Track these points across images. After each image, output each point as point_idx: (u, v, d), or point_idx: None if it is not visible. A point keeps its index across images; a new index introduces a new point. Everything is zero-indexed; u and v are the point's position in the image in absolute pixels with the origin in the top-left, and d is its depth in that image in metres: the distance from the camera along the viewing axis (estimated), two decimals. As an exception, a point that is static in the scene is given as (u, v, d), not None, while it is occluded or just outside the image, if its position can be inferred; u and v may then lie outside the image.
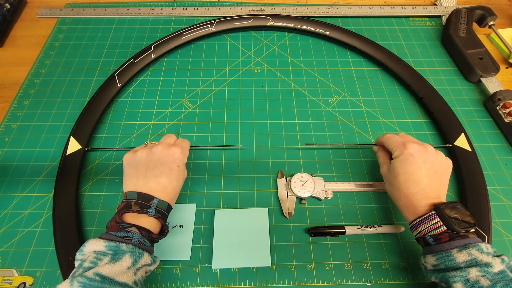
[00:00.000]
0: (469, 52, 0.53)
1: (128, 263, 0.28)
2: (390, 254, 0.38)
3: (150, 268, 0.31)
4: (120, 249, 0.28)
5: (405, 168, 0.34)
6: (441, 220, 0.30)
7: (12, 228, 0.39)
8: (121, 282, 0.27)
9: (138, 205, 0.32)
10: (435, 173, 0.34)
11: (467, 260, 0.28)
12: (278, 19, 0.59)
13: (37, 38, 0.58)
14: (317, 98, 0.51)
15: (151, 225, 0.32)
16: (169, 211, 0.34)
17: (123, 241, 0.29)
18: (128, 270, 0.28)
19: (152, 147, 0.36)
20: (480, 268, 0.27)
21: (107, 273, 0.27)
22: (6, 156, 0.45)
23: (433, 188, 0.33)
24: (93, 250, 0.29)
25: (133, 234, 0.30)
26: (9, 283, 0.35)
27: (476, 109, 0.50)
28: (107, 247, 0.28)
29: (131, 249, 0.29)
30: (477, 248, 0.28)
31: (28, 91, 0.51)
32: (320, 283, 0.36)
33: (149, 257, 0.30)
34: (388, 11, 0.63)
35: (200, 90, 0.52)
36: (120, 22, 0.61)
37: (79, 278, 0.26)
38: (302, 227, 0.40)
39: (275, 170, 0.44)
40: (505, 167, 0.45)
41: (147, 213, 0.31)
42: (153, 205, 0.32)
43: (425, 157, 0.34)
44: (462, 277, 0.27)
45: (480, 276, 0.27)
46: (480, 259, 0.28)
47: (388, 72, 0.55)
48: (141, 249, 0.30)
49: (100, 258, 0.28)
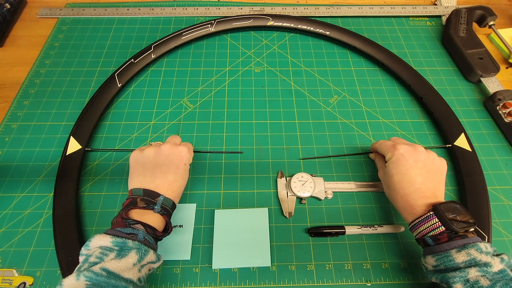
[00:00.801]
0: (469, 52, 0.53)
1: (134, 260, 0.28)
2: (390, 254, 0.38)
3: (154, 265, 0.31)
4: (127, 245, 0.28)
5: (398, 168, 0.35)
6: (439, 221, 0.30)
7: (12, 228, 0.39)
8: (126, 278, 0.27)
9: (144, 201, 0.32)
10: (428, 172, 0.34)
11: (466, 260, 0.28)
12: (278, 19, 0.59)
13: (37, 38, 0.58)
14: (317, 98, 0.51)
15: (156, 222, 0.32)
16: (173, 209, 0.35)
17: (129, 237, 0.29)
18: (133, 266, 0.28)
19: (160, 145, 0.36)
20: (479, 268, 0.27)
21: (113, 269, 0.27)
22: (6, 156, 0.45)
23: (428, 187, 0.33)
24: (99, 245, 0.29)
25: (139, 231, 0.30)
26: (9, 283, 0.35)
27: (476, 109, 0.50)
28: (113, 242, 0.28)
29: (137, 245, 0.29)
30: (476, 248, 0.28)
31: (28, 91, 0.51)
32: (320, 283, 0.36)
33: (154, 255, 0.30)
34: (388, 11, 0.63)
35: (200, 90, 0.52)
36: (120, 22, 0.61)
37: (86, 272, 0.26)
38: (302, 227, 0.40)
39: (275, 170, 0.44)
40: (505, 167, 0.45)
41: (153, 209, 0.32)
42: (159, 202, 0.32)
43: (416, 157, 0.35)
44: (461, 277, 0.27)
45: (480, 276, 0.27)
46: (479, 259, 0.28)
47: (388, 72, 0.55)
48: (147, 246, 0.30)
49: (106, 254, 0.28)
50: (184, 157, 0.36)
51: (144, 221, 0.31)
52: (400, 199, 0.34)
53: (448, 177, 0.44)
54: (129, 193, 0.34)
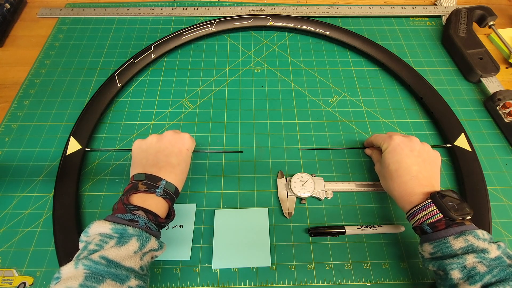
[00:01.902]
0: (469, 52, 0.53)
1: (134, 247, 0.27)
2: (390, 254, 0.38)
3: (156, 253, 0.30)
4: (127, 232, 0.28)
5: (394, 157, 0.35)
6: (437, 208, 0.30)
7: (12, 228, 0.39)
8: (127, 267, 0.26)
9: (145, 185, 0.31)
10: (424, 162, 0.35)
11: (463, 246, 0.28)
12: (278, 19, 0.59)
13: (37, 38, 0.58)
14: (317, 98, 0.51)
15: (159, 207, 0.31)
16: (177, 195, 0.34)
17: (130, 224, 0.28)
18: (134, 254, 0.27)
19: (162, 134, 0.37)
20: (476, 255, 0.27)
21: (113, 257, 0.26)
22: (6, 156, 0.45)
23: (425, 176, 0.34)
24: (99, 232, 0.28)
25: (140, 218, 0.29)
26: (9, 283, 0.35)
27: (476, 109, 0.50)
28: (113, 229, 0.28)
29: (138, 232, 0.28)
30: (473, 235, 0.28)
31: (28, 91, 0.51)
32: (320, 283, 0.36)
33: (156, 242, 0.29)
34: (388, 11, 0.63)
35: (200, 90, 0.52)
36: (120, 22, 0.61)
37: (84, 261, 0.25)
38: (302, 227, 0.40)
39: (275, 170, 0.44)
40: (505, 167, 0.45)
41: (155, 192, 0.31)
42: (161, 185, 0.32)
43: (411, 146, 0.36)
44: (459, 264, 0.27)
45: (477, 262, 0.27)
46: (477, 245, 0.28)
47: (388, 72, 0.55)
48: (148, 234, 0.29)
49: (106, 241, 0.27)
50: (186, 142, 0.37)
51: (146, 206, 0.30)
52: (397, 188, 0.34)
53: (448, 177, 0.44)
54: (131, 179, 0.33)
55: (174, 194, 0.33)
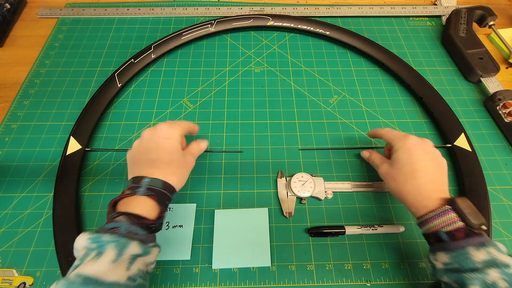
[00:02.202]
0: (469, 52, 0.53)
1: (111, 256, 0.25)
2: (390, 254, 0.38)
3: (148, 259, 0.28)
4: (101, 240, 0.26)
5: (410, 158, 0.33)
6: (457, 215, 0.29)
7: (12, 228, 0.39)
8: (109, 282, 0.24)
9: (130, 189, 0.30)
10: (438, 165, 0.34)
11: (485, 260, 0.26)
12: (278, 19, 0.59)
13: (37, 38, 0.58)
14: (317, 98, 0.51)
15: (144, 208, 0.29)
16: (168, 189, 0.32)
17: (110, 232, 0.27)
18: (115, 264, 0.25)
19: None
20: (499, 270, 0.25)
21: (90, 273, 0.24)
22: (6, 156, 0.45)
23: (441, 180, 0.32)
24: (82, 245, 0.27)
25: (121, 224, 0.27)
26: (9, 283, 0.35)
27: (476, 109, 0.50)
28: (90, 239, 0.26)
29: (114, 238, 0.26)
30: (494, 247, 0.27)
31: (28, 91, 0.51)
32: (320, 283, 0.36)
33: (137, 246, 0.27)
34: (388, 11, 0.63)
35: (200, 90, 0.52)
36: (120, 22, 0.61)
37: (62, 281, 0.24)
38: (302, 227, 0.40)
39: (275, 170, 0.44)
40: (505, 167, 0.45)
41: (136, 192, 0.30)
42: (144, 184, 0.30)
43: (426, 149, 0.34)
44: (480, 279, 0.25)
45: (500, 278, 0.25)
46: (500, 260, 0.26)
47: (388, 72, 0.55)
48: (128, 238, 0.27)
49: (88, 254, 0.26)
50: (162, 132, 0.34)
51: (129, 210, 0.28)
52: (411, 190, 0.32)
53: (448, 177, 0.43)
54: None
55: (163, 189, 0.31)
